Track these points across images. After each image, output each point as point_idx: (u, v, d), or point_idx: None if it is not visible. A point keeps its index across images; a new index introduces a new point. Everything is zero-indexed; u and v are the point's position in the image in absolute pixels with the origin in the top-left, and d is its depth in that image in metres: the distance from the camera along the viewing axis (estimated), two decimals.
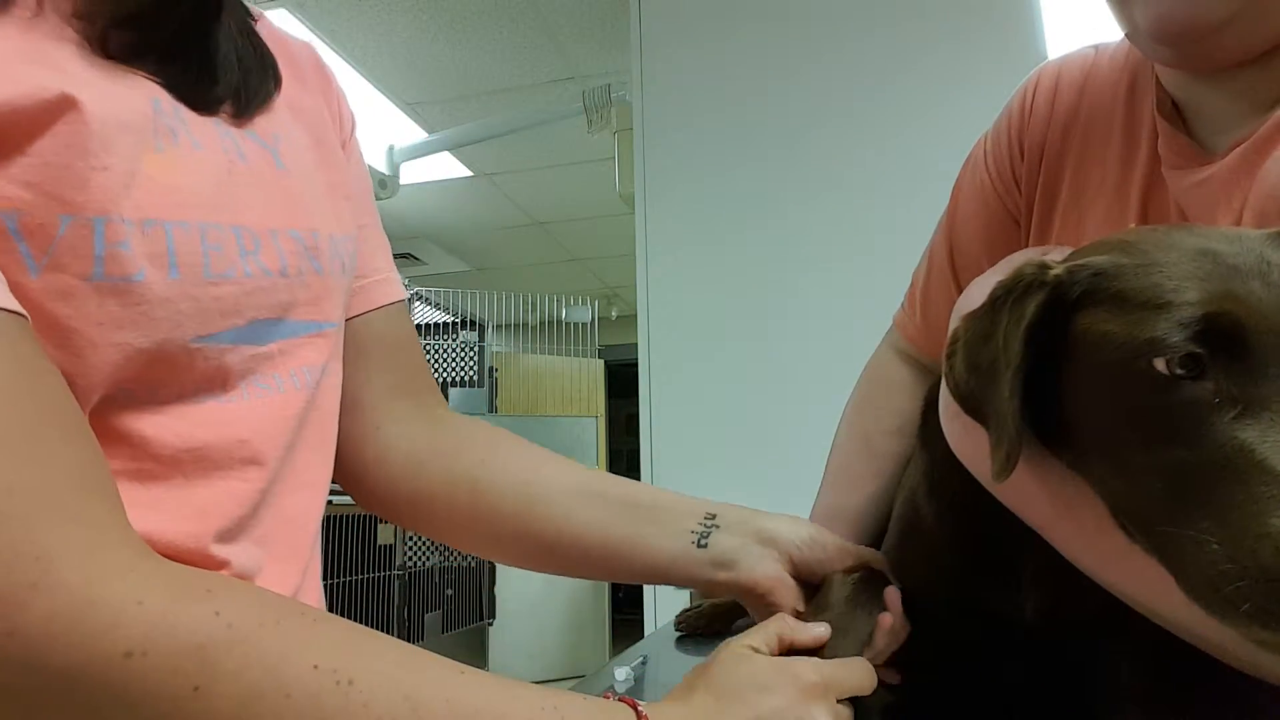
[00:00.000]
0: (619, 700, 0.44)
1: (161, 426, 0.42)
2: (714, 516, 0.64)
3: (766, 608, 0.62)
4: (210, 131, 0.46)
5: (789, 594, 0.61)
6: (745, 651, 0.51)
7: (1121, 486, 0.41)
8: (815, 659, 0.51)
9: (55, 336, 0.38)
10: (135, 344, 0.40)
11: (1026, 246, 0.70)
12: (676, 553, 0.62)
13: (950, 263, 0.76)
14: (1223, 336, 0.37)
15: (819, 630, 0.56)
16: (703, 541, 0.62)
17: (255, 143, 0.50)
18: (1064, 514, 0.46)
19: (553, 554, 0.64)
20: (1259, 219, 0.48)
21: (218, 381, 0.45)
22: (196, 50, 0.47)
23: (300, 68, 0.60)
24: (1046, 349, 0.43)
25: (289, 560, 0.51)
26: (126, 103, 0.41)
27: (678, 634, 0.95)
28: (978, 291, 0.49)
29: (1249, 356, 0.36)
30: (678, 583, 0.64)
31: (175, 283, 0.41)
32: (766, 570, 0.62)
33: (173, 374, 0.43)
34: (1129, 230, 0.46)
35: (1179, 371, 0.37)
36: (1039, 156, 0.68)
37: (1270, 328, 0.36)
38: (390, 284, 0.67)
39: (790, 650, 0.54)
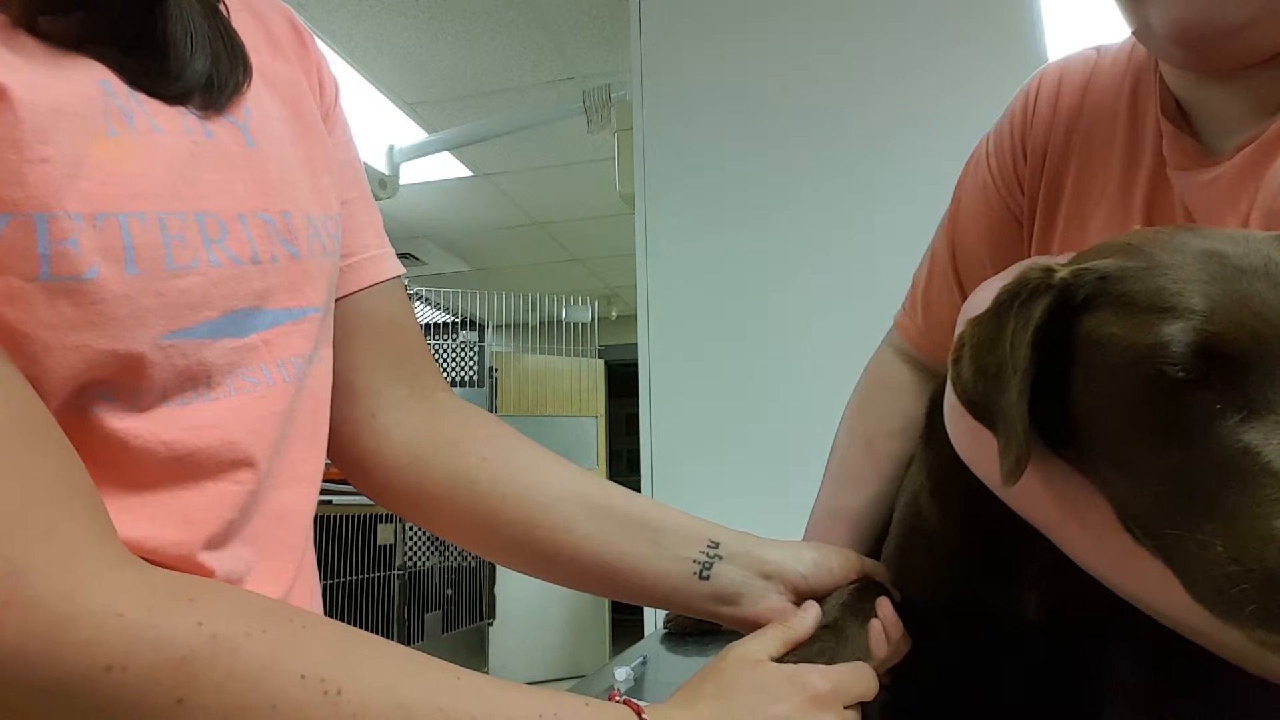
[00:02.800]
0: (622, 703, 0.43)
1: (149, 434, 0.41)
2: (717, 545, 0.62)
3: None
4: (171, 112, 0.43)
5: None
6: (753, 658, 0.50)
7: (1127, 488, 0.41)
8: (824, 666, 0.51)
9: (7, 341, 0.36)
10: (96, 345, 0.38)
11: (1029, 247, 0.70)
12: (678, 582, 0.61)
13: (952, 263, 0.76)
14: (1227, 340, 0.37)
15: (813, 615, 0.57)
16: (705, 573, 0.61)
17: (223, 119, 0.46)
18: (1070, 516, 0.46)
19: (553, 565, 0.63)
20: (1267, 220, 0.48)
21: (201, 379, 0.43)
22: (146, 35, 0.43)
23: (274, 34, 0.56)
24: (1052, 352, 0.43)
25: (281, 557, 0.50)
26: (67, 88, 0.38)
27: (665, 631, 0.95)
28: (985, 294, 0.49)
29: (1254, 360, 0.36)
30: (680, 611, 0.63)
31: (134, 278, 0.39)
32: (770, 604, 0.60)
33: (148, 375, 0.40)
34: (1134, 232, 0.46)
35: (1183, 375, 0.37)
36: (1042, 158, 0.68)
37: (1275, 331, 0.36)
38: (379, 261, 0.63)
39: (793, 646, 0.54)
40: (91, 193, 0.37)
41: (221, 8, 0.49)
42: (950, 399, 0.55)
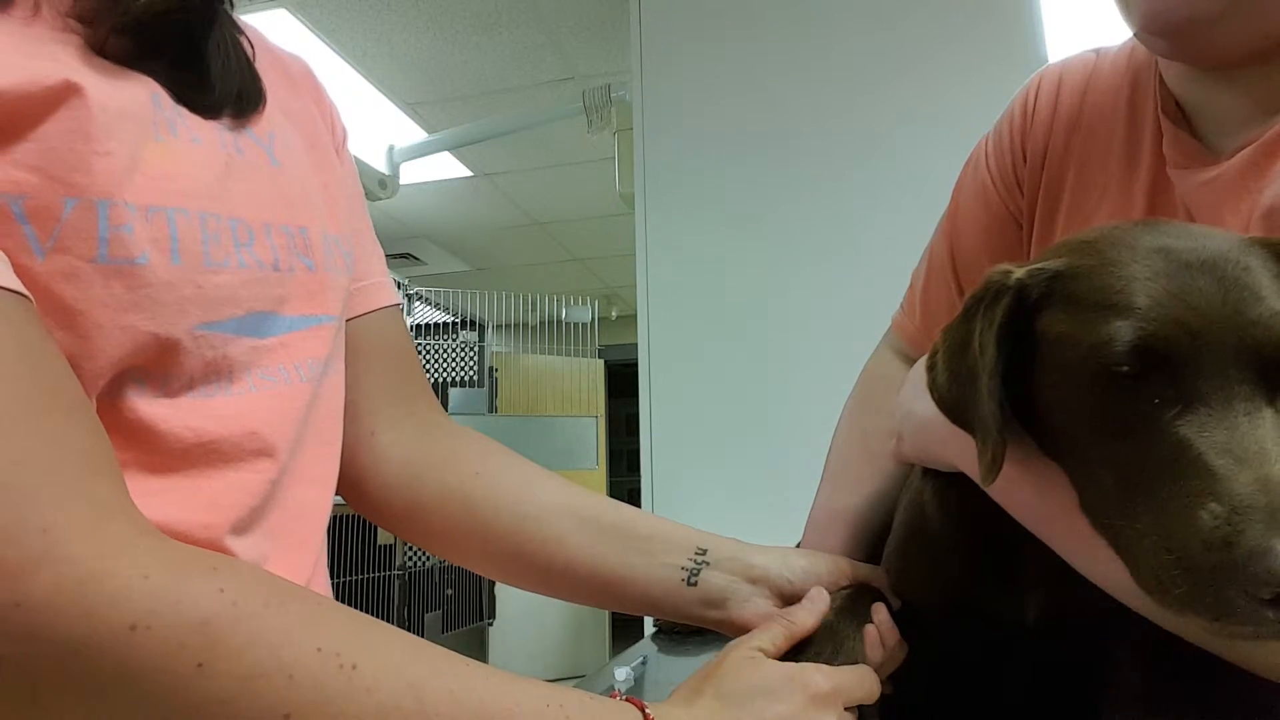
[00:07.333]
0: (625, 700, 0.44)
1: (174, 420, 0.43)
2: (704, 551, 0.64)
3: None
4: (208, 127, 0.47)
5: None
6: (754, 655, 0.51)
7: (1083, 480, 0.42)
8: (825, 666, 0.51)
9: (62, 318, 0.38)
10: (142, 327, 0.41)
11: (1029, 249, 0.70)
12: (667, 589, 0.63)
13: (951, 264, 0.76)
14: (1161, 338, 0.38)
15: (817, 610, 0.57)
16: (692, 579, 0.63)
17: (251, 139, 0.51)
18: (1056, 510, 0.47)
19: (545, 577, 0.64)
20: (1267, 219, 0.48)
21: (224, 372, 0.46)
22: (193, 57, 0.48)
23: (292, 77, 0.61)
24: (1020, 351, 0.44)
25: (298, 552, 0.51)
26: (127, 93, 0.42)
27: (655, 630, 0.95)
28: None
29: (1188, 355, 0.37)
30: (669, 617, 0.65)
31: (178, 268, 0.42)
32: (756, 609, 0.62)
33: (180, 362, 0.43)
34: (1091, 229, 0.47)
35: (1126, 371, 0.38)
36: (1041, 159, 0.68)
37: (1212, 326, 0.37)
38: (384, 288, 0.67)
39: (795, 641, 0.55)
40: (144, 187, 0.41)
41: (244, 40, 0.54)
42: (899, 410, 0.56)
